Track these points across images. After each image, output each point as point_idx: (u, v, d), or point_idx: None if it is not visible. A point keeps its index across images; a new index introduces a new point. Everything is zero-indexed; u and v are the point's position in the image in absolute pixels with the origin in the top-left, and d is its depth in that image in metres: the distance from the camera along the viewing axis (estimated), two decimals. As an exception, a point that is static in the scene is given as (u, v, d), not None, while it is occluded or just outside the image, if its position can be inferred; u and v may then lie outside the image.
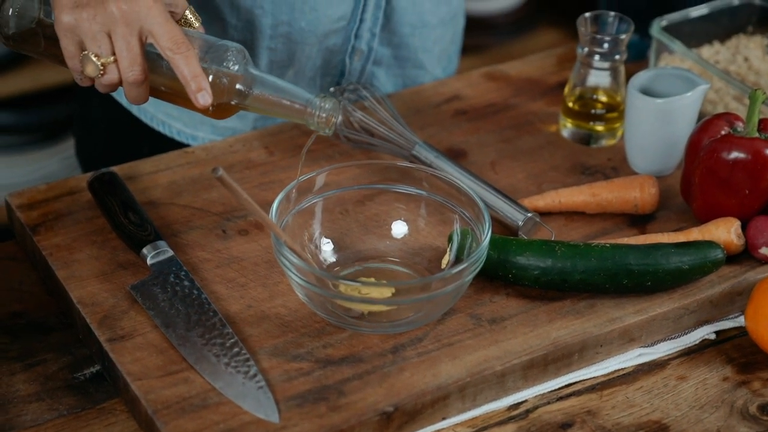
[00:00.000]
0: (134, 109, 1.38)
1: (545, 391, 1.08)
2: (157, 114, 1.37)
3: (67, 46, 1.05)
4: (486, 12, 2.81)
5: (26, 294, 1.15)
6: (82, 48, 1.05)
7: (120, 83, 1.06)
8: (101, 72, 1.04)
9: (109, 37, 1.04)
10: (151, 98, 1.09)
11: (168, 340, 1.05)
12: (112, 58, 1.04)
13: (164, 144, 1.35)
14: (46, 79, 2.24)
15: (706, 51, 1.41)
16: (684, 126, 1.24)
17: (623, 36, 1.28)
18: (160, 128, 1.37)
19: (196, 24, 1.10)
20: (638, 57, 1.64)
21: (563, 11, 2.76)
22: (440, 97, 1.39)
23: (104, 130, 1.44)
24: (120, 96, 1.38)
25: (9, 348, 1.09)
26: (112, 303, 1.09)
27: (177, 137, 1.37)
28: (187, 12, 1.10)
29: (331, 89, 1.32)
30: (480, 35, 2.82)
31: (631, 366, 1.11)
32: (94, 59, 1.04)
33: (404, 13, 1.36)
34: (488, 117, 1.36)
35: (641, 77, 1.26)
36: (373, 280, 1.12)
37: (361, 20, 1.33)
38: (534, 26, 2.85)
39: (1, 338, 1.10)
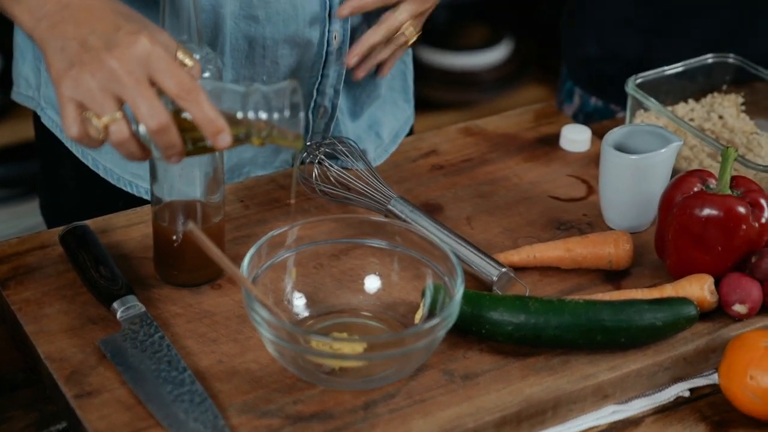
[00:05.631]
0: (101, 171, 1.31)
1: (518, 448, 1.07)
2: (124, 175, 1.31)
3: (69, 112, 0.98)
4: (471, 67, 2.82)
5: (-5, 349, 1.14)
6: (82, 110, 0.98)
7: (130, 138, 0.99)
8: (102, 134, 0.98)
9: (113, 96, 0.97)
10: (116, 160, 0.99)
11: (136, 396, 1.04)
12: (118, 114, 0.97)
13: (137, 202, 1.30)
14: (27, 132, 2.23)
15: (681, 109, 1.41)
16: (658, 182, 1.24)
17: None
18: (129, 189, 1.31)
19: (190, 63, 1.02)
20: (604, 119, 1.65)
21: (548, 68, 2.78)
22: (417, 152, 1.39)
23: (73, 189, 1.37)
24: (86, 158, 1.31)
25: (-24, 404, 1.08)
26: (80, 358, 1.08)
27: (146, 197, 1.30)
28: (179, 52, 1.02)
29: (308, 143, 1.32)
30: (465, 91, 2.83)
31: (605, 423, 1.10)
32: (95, 121, 0.98)
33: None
34: (465, 172, 1.36)
35: (616, 134, 1.26)
36: (345, 335, 1.11)
37: (323, 75, 1.29)
38: (519, 83, 2.87)
39: (-31, 393, 1.09)
